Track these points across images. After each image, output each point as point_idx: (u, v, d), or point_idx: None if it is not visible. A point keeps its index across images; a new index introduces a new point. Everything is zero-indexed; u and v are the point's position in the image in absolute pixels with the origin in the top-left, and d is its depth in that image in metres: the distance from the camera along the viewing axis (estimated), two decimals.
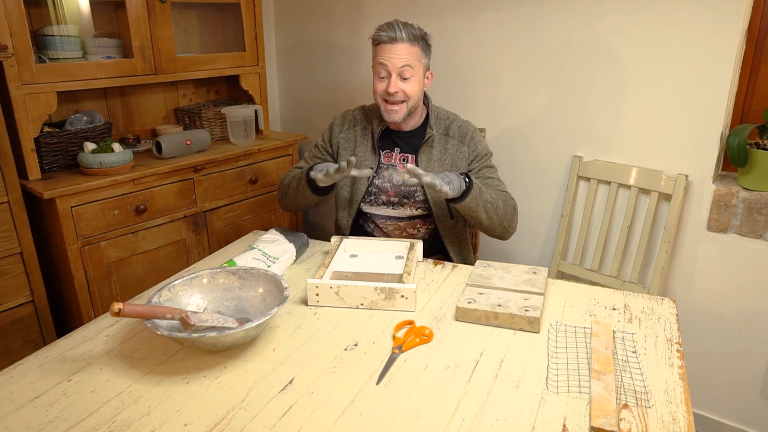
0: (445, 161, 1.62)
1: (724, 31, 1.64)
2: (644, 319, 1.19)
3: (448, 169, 1.61)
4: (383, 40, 1.52)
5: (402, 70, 1.51)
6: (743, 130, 1.69)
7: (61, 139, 1.87)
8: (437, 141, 1.62)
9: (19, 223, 1.67)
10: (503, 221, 1.55)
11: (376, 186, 1.64)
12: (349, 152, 1.68)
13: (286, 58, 2.69)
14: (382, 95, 1.55)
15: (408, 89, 1.53)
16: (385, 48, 1.52)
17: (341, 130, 1.71)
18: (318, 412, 0.92)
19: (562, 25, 1.91)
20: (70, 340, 1.13)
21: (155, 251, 1.98)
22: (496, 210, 1.51)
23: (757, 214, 1.71)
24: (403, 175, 1.60)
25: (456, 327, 1.17)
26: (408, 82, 1.53)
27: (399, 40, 1.50)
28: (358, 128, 1.70)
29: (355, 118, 1.72)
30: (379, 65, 1.54)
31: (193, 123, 2.33)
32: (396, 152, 1.65)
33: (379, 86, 1.55)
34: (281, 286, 1.14)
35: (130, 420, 0.90)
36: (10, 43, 1.66)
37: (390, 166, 1.65)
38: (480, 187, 1.48)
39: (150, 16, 2.00)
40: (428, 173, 1.36)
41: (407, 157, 1.64)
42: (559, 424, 0.88)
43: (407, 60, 1.51)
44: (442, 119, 1.65)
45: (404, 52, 1.51)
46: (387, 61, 1.51)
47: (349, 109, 1.76)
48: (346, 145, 1.69)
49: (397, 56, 1.51)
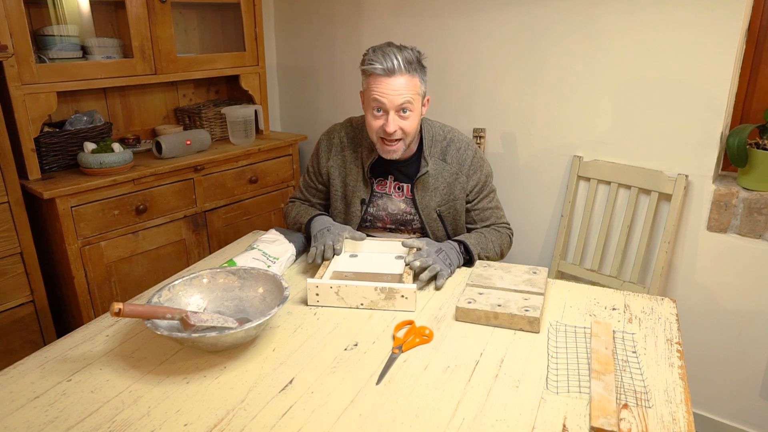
0: (441, 191, 1.51)
1: (724, 31, 1.64)
2: (644, 319, 1.19)
3: (445, 199, 1.52)
4: (377, 72, 1.34)
5: (401, 106, 1.36)
6: (743, 130, 1.69)
7: (61, 139, 1.87)
8: (432, 169, 1.50)
9: (19, 223, 1.67)
10: (498, 257, 1.57)
11: (371, 215, 1.56)
12: (340, 180, 1.57)
13: (286, 57, 2.69)
14: (378, 133, 1.41)
15: (407, 126, 1.39)
16: (380, 82, 1.34)
17: (329, 158, 1.57)
18: (318, 412, 0.92)
19: (562, 25, 1.91)
20: (70, 340, 1.13)
21: (155, 251, 1.98)
22: (491, 256, 1.53)
23: (757, 214, 1.71)
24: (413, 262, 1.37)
25: (456, 327, 1.17)
26: (407, 118, 1.39)
27: (397, 73, 1.33)
28: (347, 153, 1.56)
29: (342, 141, 1.57)
30: (374, 101, 1.37)
31: (193, 123, 2.33)
32: (390, 180, 1.54)
33: (375, 123, 1.40)
34: (281, 286, 1.14)
35: (130, 420, 0.90)
36: (10, 43, 1.66)
37: (384, 195, 1.55)
38: (478, 253, 1.47)
39: (150, 16, 2.00)
40: (431, 254, 1.34)
41: (402, 186, 1.53)
42: (559, 424, 0.88)
43: (407, 96, 1.36)
44: (437, 142, 1.52)
45: (403, 87, 1.35)
46: (383, 97, 1.35)
47: (333, 129, 1.60)
48: (336, 173, 1.57)
49: (395, 92, 1.34)
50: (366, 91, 1.40)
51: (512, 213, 2.17)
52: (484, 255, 1.49)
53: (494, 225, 1.58)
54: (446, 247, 1.41)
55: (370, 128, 1.43)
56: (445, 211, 1.54)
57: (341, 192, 1.58)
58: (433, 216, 1.54)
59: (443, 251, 1.38)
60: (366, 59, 1.37)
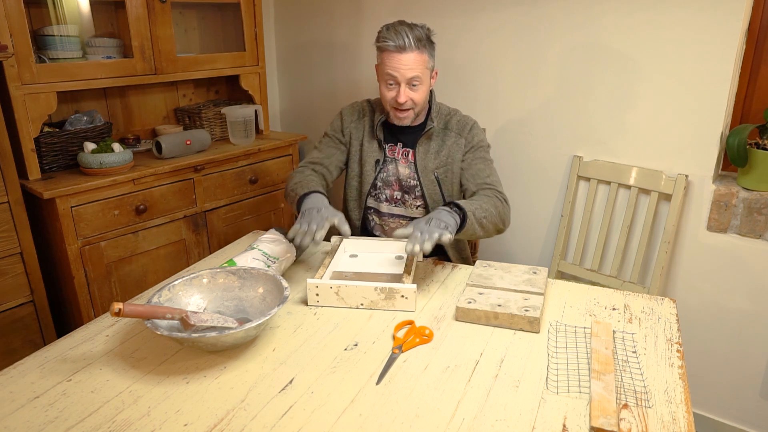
0: (441, 154, 1.62)
1: (724, 31, 1.64)
2: (644, 319, 1.19)
3: (443, 161, 1.61)
4: (390, 49, 1.49)
5: (411, 79, 1.51)
6: (743, 130, 1.69)
7: (61, 139, 1.87)
8: (436, 134, 1.63)
9: (19, 223, 1.67)
10: (498, 225, 1.48)
11: (382, 179, 1.67)
12: (358, 143, 1.69)
13: (286, 58, 2.69)
14: (391, 103, 1.55)
15: (417, 97, 1.54)
16: (392, 57, 1.49)
17: (351, 120, 1.71)
18: (318, 412, 0.92)
19: (562, 25, 1.91)
20: (70, 340, 1.13)
21: (155, 251, 1.98)
22: (490, 220, 1.44)
23: (757, 214, 1.71)
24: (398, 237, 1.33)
25: (456, 327, 1.17)
26: (416, 89, 1.53)
27: (408, 49, 1.48)
28: (366, 120, 1.70)
29: (363, 109, 1.72)
30: (387, 74, 1.52)
31: (193, 123, 2.33)
32: (399, 146, 1.66)
33: (388, 94, 1.55)
34: (281, 286, 1.14)
35: (130, 420, 0.90)
36: (10, 43, 1.66)
37: (394, 159, 1.66)
38: (472, 211, 1.37)
39: (150, 16, 2.00)
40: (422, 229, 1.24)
41: (408, 151, 1.65)
42: (559, 424, 0.88)
43: (417, 71, 1.50)
44: (443, 114, 1.66)
45: (413, 62, 1.49)
46: (395, 71, 1.50)
47: (357, 101, 1.76)
48: (356, 135, 1.70)
49: (405, 66, 1.49)
50: (380, 65, 1.55)
51: (512, 213, 2.17)
52: (481, 215, 1.40)
53: (486, 186, 1.55)
54: (434, 213, 1.32)
55: (383, 98, 1.58)
56: (441, 174, 1.62)
57: (358, 154, 1.69)
58: (431, 178, 1.62)
59: (432, 219, 1.29)
60: (380, 36, 1.51)
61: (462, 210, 1.34)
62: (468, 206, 1.37)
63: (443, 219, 1.29)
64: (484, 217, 1.41)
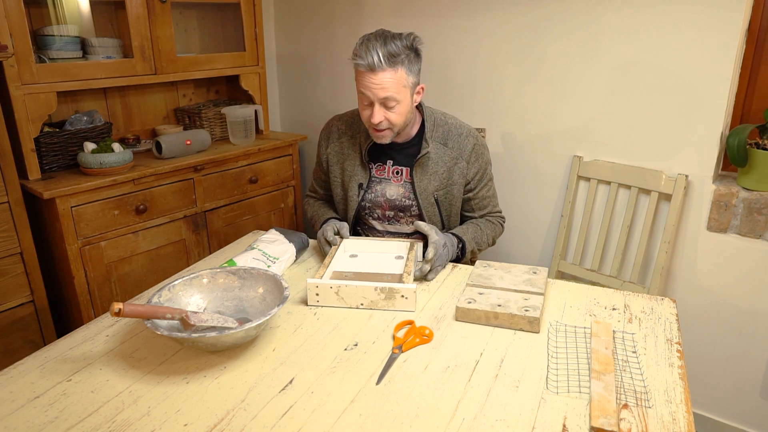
0: (440, 175, 1.53)
1: (724, 31, 1.64)
2: (644, 319, 1.19)
3: (443, 183, 1.54)
4: (361, 68, 1.37)
5: (384, 100, 1.39)
6: (743, 130, 1.69)
7: (61, 139, 1.87)
8: (433, 153, 1.52)
9: (19, 223, 1.67)
10: (489, 245, 1.63)
11: (369, 201, 1.57)
12: (338, 167, 1.61)
13: (286, 58, 2.69)
14: (367, 123, 1.46)
15: (394, 117, 1.42)
16: (364, 76, 1.37)
17: (327, 146, 1.63)
18: (318, 412, 0.92)
19: (562, 25, 1.91)
20: (70, 340, 1.13)
21: (155, 251, 1.98)
22: (481, 245, 1.58)
23: (757, 214, 1.71)
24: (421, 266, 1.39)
25: (456, 327, 1.17)
26: (393, 110, 1.41)
27: (378, 69, 1.35)
28: (345, 140, 1.60)
29: (339, 129, 1.62)
30: (360, 93, 1.41)
31: (193, 123, 2.33)
32: (389, 164, 1.56)
33: (363, 113, 1.45)
34: (281, 286, 1.14)
35: (130, 420, 0.90)
36: (10, 43, 1.66)
37: (383, 180, 1.56)
38: (471, 243, 1.53)
39: (150, 16, 2.00)
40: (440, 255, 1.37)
41: (401, 170, 1.55)
42: (559, 424, 0.88)
43: (389, 91, 1.37)
44: (439, 126, 1.55)
45: (385, 81, 1.36)
46: (367, 91, 1.38)
47: (332, 119, 1.66)
48: (335, 160, 1.61)
49: (377, 86, 1.36)
50: (356, 81, 1.43)
51: (512, 213, 2.17)
52: (477, 249, 1.56)
53: (489, 214, 1.65)
54: (449, 242, 1.45)
55: (361, 116, 1.48)
56: (441, 196, 1.56)
57: (340, 178, 1.62)
58: (430, 200, 1.55)
59: (447, 246, 1.42)
60: (354, 51, 1.39)
61: (463, 249, 1.50)
62: (470, 245, 1.52)
63: (450, 255, 1.43)
64: (478, 248, 1.57)
